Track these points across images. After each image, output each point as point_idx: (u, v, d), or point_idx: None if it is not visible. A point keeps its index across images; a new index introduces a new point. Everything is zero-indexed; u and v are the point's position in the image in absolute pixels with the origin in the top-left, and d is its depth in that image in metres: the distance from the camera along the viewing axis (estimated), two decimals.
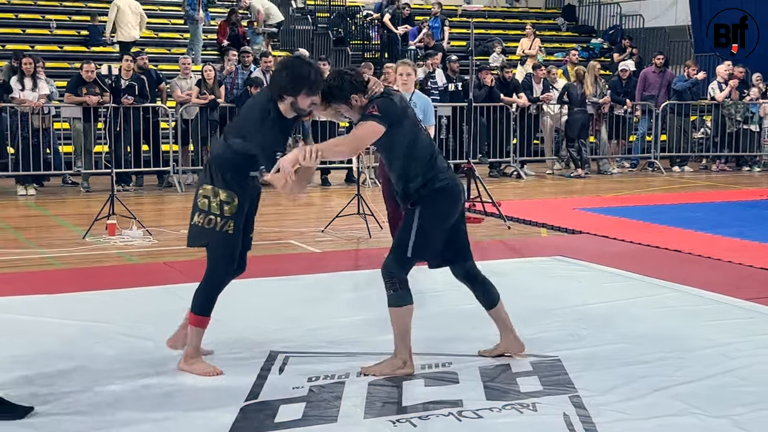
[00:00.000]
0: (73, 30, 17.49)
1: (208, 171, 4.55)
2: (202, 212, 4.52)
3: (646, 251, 8.07)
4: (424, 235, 4.53)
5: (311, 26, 19.69)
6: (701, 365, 4.77)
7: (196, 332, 4.62)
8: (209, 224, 4.51)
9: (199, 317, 4.61)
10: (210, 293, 4.62)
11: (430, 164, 4.55)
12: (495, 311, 4.86)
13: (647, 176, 14.92)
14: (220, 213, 4.49)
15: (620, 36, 20.98)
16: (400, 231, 4.60)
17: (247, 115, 4.52)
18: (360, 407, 4.15)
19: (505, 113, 14.23)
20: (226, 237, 4.53)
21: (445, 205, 4.59)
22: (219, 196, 4.48)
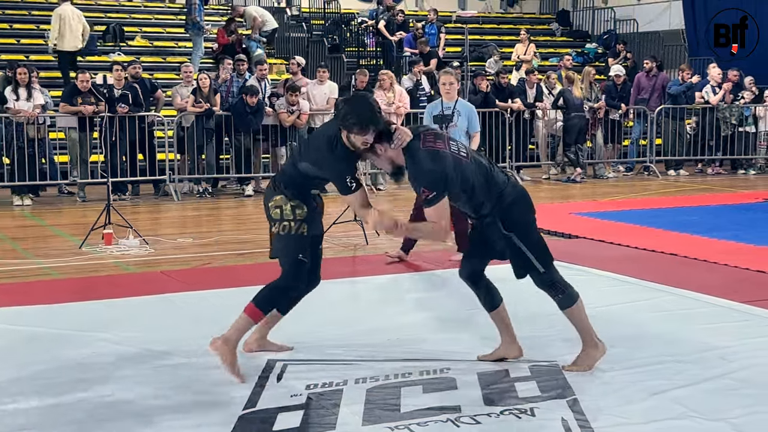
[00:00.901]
0: None
1: (275, 186, 4.73)
2: (277, 221, 4.67)
3: (643, 255, 8.08)
4: (535, 246, 4.70)
5: (306, 33, 19.72)
6: (699, 368, 4.78)
7: (246, 321, 4.67)
8: (284, 230, 4.65)
9: (256, 310, 4.66)
10: (276, 295, 4.72)
11: (489, 185, 4.57)
12: (497, 313, 4.92)
13: (643, 180, 14.95)
14: (293, 217, 4.63)
15: (614, 41, 21.06)
16: (518, 260, 4.70)
17: (315, 144, 4.64)
18: (358, 414, 4.15)
19: (500, 119, 14.25)
20: (302, 239, 4.65)
21: (524, 209, 4.71)
22: (290, 202, 4.63)
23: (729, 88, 15.44)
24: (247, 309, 4.66)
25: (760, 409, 4.17)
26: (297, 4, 21.38)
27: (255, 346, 5.03)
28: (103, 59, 16.53)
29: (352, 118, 4.38)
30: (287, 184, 4.68)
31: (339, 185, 4.52)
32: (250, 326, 4.70)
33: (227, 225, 10.37)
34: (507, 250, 4.71)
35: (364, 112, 4.40)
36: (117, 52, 17.07)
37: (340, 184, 4.50)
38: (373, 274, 7.43)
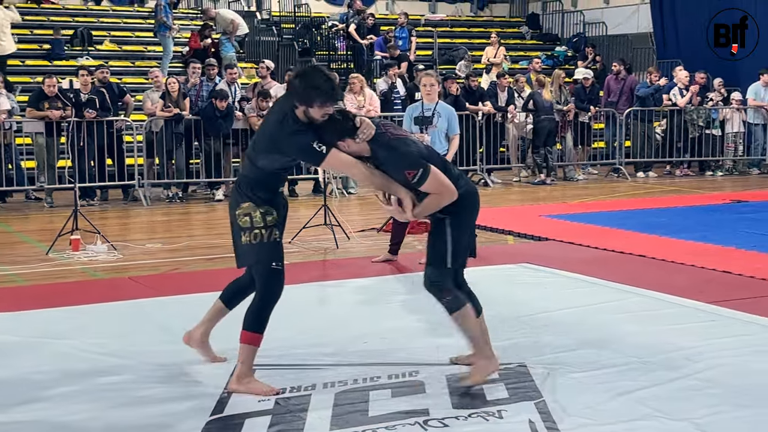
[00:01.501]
0: (36, 44, 17.35)
1: (240, 191, 4.53)
2: (246, 230, 4.48)
3: (612, 257, 8.13)
4: (458, 243, 4.56)
5: (277, 37, 19.70)
6: (665, 369, 4.81)
7: (250, 350, 4.52)
8: (256, 239, 4.47)
9: (254, 335, 4.52)
10: (265, 310, 4.56)
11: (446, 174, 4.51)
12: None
13: (612, 182, 15.05)
14: (264, 224, 4.47)
15: (584, 44, 21.20)
16: (435, 242, 4.58)
17: (265, 133, 4.46)
18: (326, 419, 4.13)
19: (471, 122, 14.29)
20: (275, 246, 4.54)
21: (469, 207, 4.63)
22: (259, 209, 4.47)
23: (696, 90, 15.58)
24: (242, 338, 4.53)
25: (724, 409, 4.21)
26: (267, 8, 21.35)
27: (196, 342, 4.91)
28: (70, 63, 16.40)
29: (311, 90, 4.28)
30: (253, 186, 4.50)
31: (309, 157, 4.39)
32: (254, 352, 4.54)
33: (197, 230, 10.32)
34: (431, 236, 4.63)
35: (322, 83, 4.32)
36: (85, 56, 16.97)
37: (310, 155, 4.33)
38: (344, 278, 7.41)
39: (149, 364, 4.98)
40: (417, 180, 4.38)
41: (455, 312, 4.55)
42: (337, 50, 19.22)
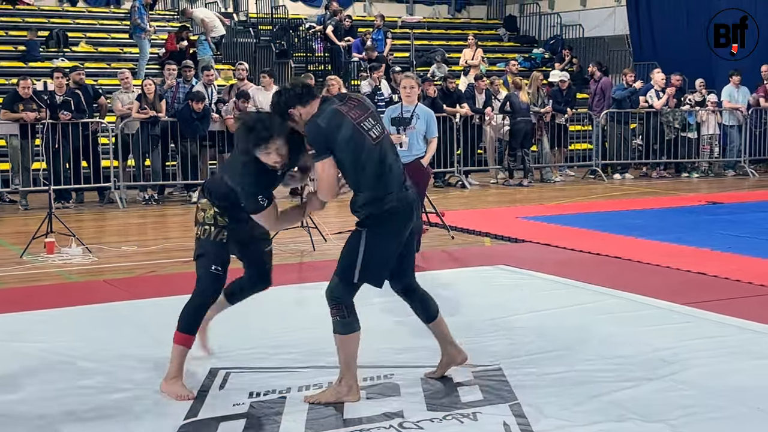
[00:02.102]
0: (11, 45, 17.21)
1: (206, 190, 4.62)
2: (199, 224, 4.57)
3: (588, 258, 8.16)
4: (370, 259, 4.30)
5: (254, 39, 19.64)
6: (640, 370, 4.82)
7: (180, 351, 4.52)
8: (204, 234, 4.53)
9: (186, 335, 4.51)
10: (197, 312, 4.55)
11: (378, 182, 4.28)
12: (434, 325, 4.68)
13: (589, 184, 15.11)
14: (214, 222, 4.51)
15: (561, 46, 21.27)
16: (345, 254, 4.37)
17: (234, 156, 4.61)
18: (301, 423, 4.12)
19: (448, 124, 14.30)
20: (221, 247, 4.52)
21: (392, 226, 4.36)
22: (213, 208, 4.53)
23: (672, 92, 15.66)
24: (175, 338, 4.53)
25: (699, 410, 4.22)
26: (244, 10, 21.28)
27: None
28: (46, 65, 16.27)
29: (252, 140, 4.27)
30: (218, 196, 4.54)
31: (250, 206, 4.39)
32: (185, 353, 4.53)
33: (174, 232, 10.26)
34: (344, 246, 4.41)
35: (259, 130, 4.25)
36: (60, 57, 16.84)
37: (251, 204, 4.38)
38: (321, 280, 7.34)
39: (123, 367, 4.94)
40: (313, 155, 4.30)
41: (341, 336, 4.36)
42: (314, 52, 19.19)
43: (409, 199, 4.43)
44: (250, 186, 4.37)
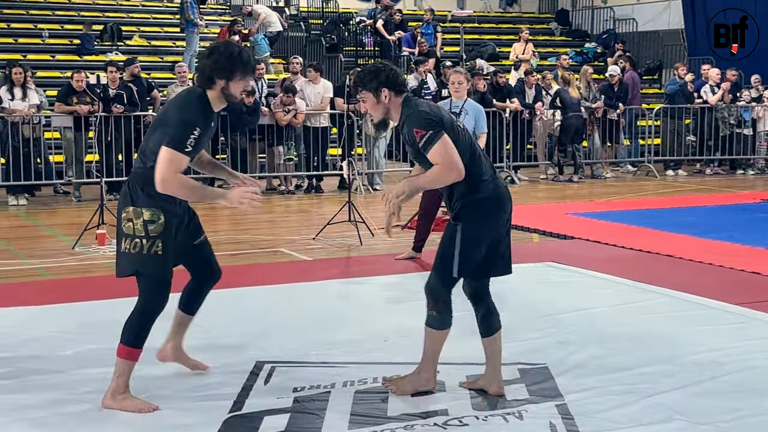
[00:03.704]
0: (66, 39, 17.46)
1: (128, 191, 4.15)
2: (127, 237, 4.12)
3: (638, 256, 8.04)
4: (468, 253, 4.21)
5: (304, 33, 19.69)
6: (690, 371, 4.74)
7: (126, 365, 4.18)
8: (135, 248, 4.11)
9: (130, 349, 4.18)
10: (144, 323, 4.20)
11: (472, 168, 4.18)
12: (489, 341, 4.46)
13: (641, 180, 14.91)
14: (145, 234, 4.09)
15: (614, 40, 21.00)
16: (444, 248, 4.27)
17: (164, 116, 4.11)
18: (344, 418, 4.10)
19: (498, 119, 14.21)
20: (156, 260, 4.13)
21: (489, 215, 4.23)
22: (142, 216, 4.09)
23: (727, 88, 15.39)
24: (119, 351, 4.19)
25: (748, 412, 4.13)
26: (296, 4, 21.35)
27: (170, 356, 4.63)
28: (100, 59, 16.48)
29: (232, 63, 4.06)
30: (144, 183, 4.09)
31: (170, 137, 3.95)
32: (131, 368, 4.19)
33: (222, 225, 10.32)
34: (441, 242, 4.30)
35: (242, 54, 4.12)
36: (114, 51, 17.04)
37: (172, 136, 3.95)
38: (367, 275, 7.38)
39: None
40: (424, 142, 4.07)
41: (433, 330, 4.33)
42: (364, 46, 19.19)
43: (504, 186, 4.36)
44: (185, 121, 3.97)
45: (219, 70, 4.07)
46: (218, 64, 4.07)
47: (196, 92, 4.15)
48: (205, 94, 4.13)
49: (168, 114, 4.11)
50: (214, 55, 4.10)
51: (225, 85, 4.10)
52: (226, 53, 4.11)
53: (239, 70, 4.11)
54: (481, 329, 4.48)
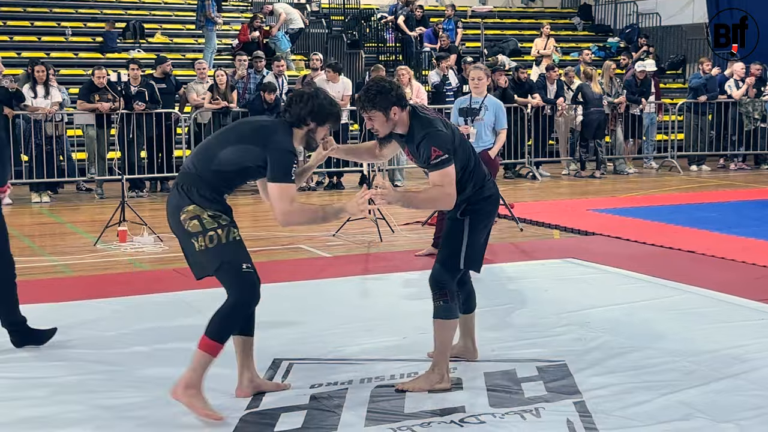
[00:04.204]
0: (89, 37, 17.56)
1: (182, 192, 4.06)
2: (198, 234, 4.01)
3: (660, 252, 7.98)
4: (474, 245, 4.46)
5: (326, 29, 19.69)
6: (710, 368, 4.70)
7: (205, 359, 4.03)
8: (212, 242, 4.01)
9: (214, 343, 4.02)
10: (234, 319, 4.07)
11: (475, 172, 4.47)
12: (465, 318, 4.80)
13: (664, 176, 14.81)
14: (217, 224, 4.03)
15: (637, 35, 20.86)
16: (450, 241, 4.48)
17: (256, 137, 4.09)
18: (361, 415, 4.10)
19: (519, 114, 14.15)
20: (237, 246, 4.05)
21: (490, 212, 4.55)
22: (206, 210, 4.04)
23: (752, 82, 15.25)
24: (201, 343, 4.03)
25: None
26: (317, 0, 21.36)
27: (250, 390, 4.34)
28: (123, 56, 16.57)
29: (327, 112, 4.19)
30: (201, 188, 4.05)
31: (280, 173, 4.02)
32: (210, 362, 4.05)
33: (243, 222, 10.28)
34: (446, 236, 4.51)
35: (335, 106, 4.27)
36: (137, 48, 17.13)
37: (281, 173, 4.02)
38: (387, 272, 7.37)
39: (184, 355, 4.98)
40: (437, 162, 4.23)
41: (442, 320, 4.43)
42: (386, 42, 19.17)
43: (496, 186, 4.66)
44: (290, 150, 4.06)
45: (315, 114, 4.17)
46: (316, 109, 4.16)
47: (286, 125, 4.20)
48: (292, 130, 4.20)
49: (264, 137, 4.07)
50: (315, 101, 4.17)
51: (313, 128, 4.21)
52: (326, 102, 4.20)
53: (331, 120, 4.24)
54: (463, 308, 4.76)
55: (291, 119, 4.19)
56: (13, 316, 5.18)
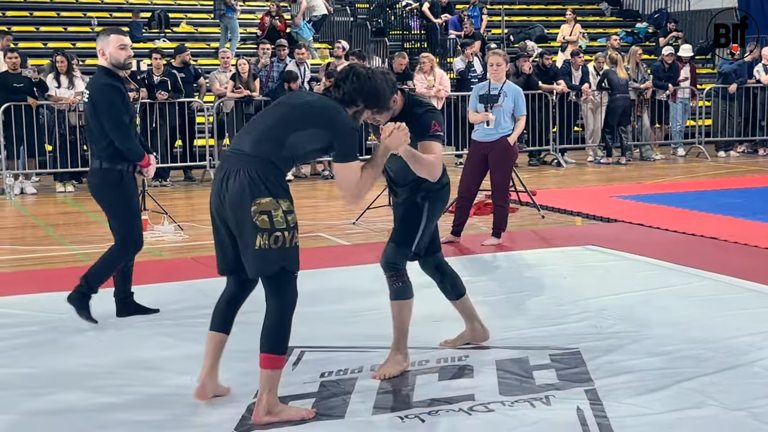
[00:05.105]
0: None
1: (256, 180, 3.74)
2: (264, 231, 3.73)
3: (682, 239, 7.88)
4: (427, 230, 4.53)
5: (350, 17, 19.64)
6: (726, 355, 4.63)
7: (277, 375, 3.86)
8: (277, 243, 3.75)
9: (278, 357, 3.83)
10: (289, 325, 3.85)
11: None
12: (461, 302, 4.83)
13: (691, 162, 14.63)
14: (286, 226, 3.77)
15: (665, 20, 20.61)
16: (407, 224, 4.52)
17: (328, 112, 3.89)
18: (369, 402, 4.08)
19: (544, 101, 14.04)
20: (296, 253, 3.84)
21: (445, 199, 4.60)
22: (281, 207, 3.76)
23: None
24: (263, 363, 3.83)
25: None
26: None
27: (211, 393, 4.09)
28: (148, 46, 16.62)
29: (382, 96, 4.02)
30: (270, 174, 3.78)
31: (351, 152, 3.90)
32: (279, 376, 3.88)
33: None
34: (403, 216, 4.53)
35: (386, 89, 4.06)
36: (162, 38, 17.18)
37: (352, 152, 3.91)
38: None
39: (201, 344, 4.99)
40: (434, 135, 4.30)
41: (402, 301, 4.48)
42: (411, 29, 19.09)
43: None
44: (356, 129, 3.95)
45: (367, 97, 3.97)
46: (371, 91, 3.97)
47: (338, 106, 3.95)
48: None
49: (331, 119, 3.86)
50: (371, 83, 3.96)
51: (360, 110, 4.00)
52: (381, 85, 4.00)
53: (382, 105, 4.07)
54: (452, 295, 4.81)
55: (339, 97, 3.96)
56: (125, 288, 5.65)
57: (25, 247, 8.12)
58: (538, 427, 3.78)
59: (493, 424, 3.83)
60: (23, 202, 11.18)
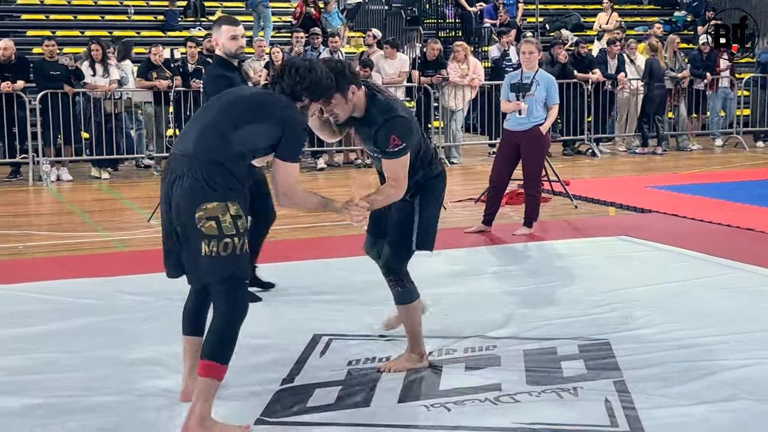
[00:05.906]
0: (151, 15, 17.74)
1: (202, 183, 3.51)
2: (212, 238, 3.51)
3: (717, 230, 7.78)
4: (424, 224, 4.29)
5: (384, 6, 19.60)
6: (759, 348, 4.56)
7: (215, 385, 3.60)
8: (226, 250, 3.54)
9: (219, 366, 3.59)
10: (236, 334, 3.65)
11: (426, 152, 4.27)
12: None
13: (729, 152, 14.44)
14: (236, 231, 3.55)
15: (704, 8, 20.34)
16: (400, 225, 4.27)
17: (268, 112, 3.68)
18: (395, 391, 4.06)
19: (579, 90, 13.91)
20: (246, 259, 3.64)
21: (441, 189, 4.35)
22: (229, 212, 3.54)
23: None
24: (201, 369, 3.58)
25: None
26: None
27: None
28: (183, 34, 16.69)
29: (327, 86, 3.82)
30: (223, 175, 3.54)
31: (296, 152, 3.73)
32: (216, 387, 3.61)
33: None
34: (395, 219, 4.28)
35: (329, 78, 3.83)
36: (198, 27, 17.25)
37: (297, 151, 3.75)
38: (436, 248, 7.24)
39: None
40: (394, 151, 3.99)
41: (407, 305, 4.33)
42: (445, 18, 19.01)
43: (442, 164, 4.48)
44: (306, 128, 3.76)
45: (312, 90, 3.78)
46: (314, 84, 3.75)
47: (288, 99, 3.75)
48: None
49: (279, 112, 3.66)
50: (313, 75, 3.73)
51: (307, 105, 3.83)
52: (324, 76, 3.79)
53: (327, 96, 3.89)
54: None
55: (290, 94, 3.74)
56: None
57: (61, 233, 8.20)
58: (564, 418, 3.74)
59: (519, 414, 3.80)
60: (59, 189, 11.29)
